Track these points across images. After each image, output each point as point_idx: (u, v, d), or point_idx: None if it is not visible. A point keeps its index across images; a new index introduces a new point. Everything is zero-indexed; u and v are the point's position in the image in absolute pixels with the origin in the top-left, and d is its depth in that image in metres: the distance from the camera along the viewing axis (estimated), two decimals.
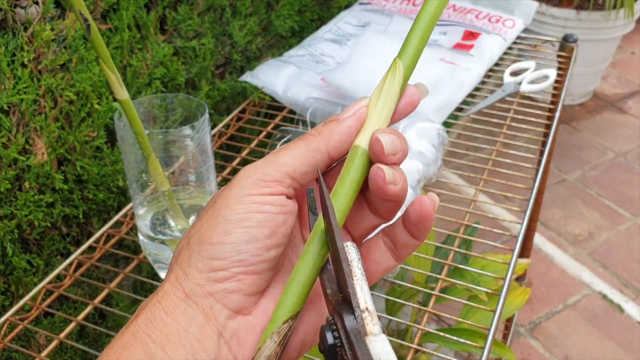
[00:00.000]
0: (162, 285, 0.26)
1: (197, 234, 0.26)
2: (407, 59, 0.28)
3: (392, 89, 0.27)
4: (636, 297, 1.42)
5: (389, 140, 0.25)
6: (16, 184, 0.58)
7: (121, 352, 0.24)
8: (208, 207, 0.27)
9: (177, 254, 0.26)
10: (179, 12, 0.74)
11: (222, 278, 0.25)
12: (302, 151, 0.26)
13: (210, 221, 0.25)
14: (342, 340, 0.23)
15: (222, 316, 0.25)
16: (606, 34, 1.91)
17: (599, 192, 1.73)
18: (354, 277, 0.24)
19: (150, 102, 0.54)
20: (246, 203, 0.25)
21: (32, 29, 0.56)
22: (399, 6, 0.99)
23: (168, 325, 0.24)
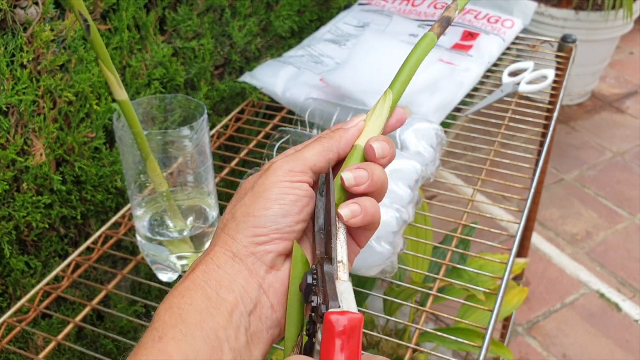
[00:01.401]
0: (212, 248, 0.33)
1: (241, 209, 0.33)
2: (396, 89, 0.38)
3: (383, 110, 0.37)
4: (633, 295, 1.42)
5: (379, 146, 0.35)
6: (14, 185, 0.58)
7: (184, 291, 0.31)
8: (246, 189, 0.34)
9: (223, 226, 0.34)
10: (179, 13, 0.74)
11: (262, 242, 0.33)
12: (320, 150, 0.35)
13: (252, 200, 0.33)
14: (318, 280, 0.31)
15: (261, 270, 0.33)
16: (605, 34, 1.91)
17: (597, 191, 1.74)
18: (337, 239, 0.32)
19: (149, 102, 0.54)
20: (281, 187, 0.33)
21: (32, 30, 0.56)
22: (398, 6, 0.99)
23: (220, 275, 0.32)
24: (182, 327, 0.29)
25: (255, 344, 0.32)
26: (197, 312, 0.30)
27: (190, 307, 0.30)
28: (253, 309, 0.32)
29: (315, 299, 0.30)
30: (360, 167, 0.34)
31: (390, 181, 0.60)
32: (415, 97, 0.76)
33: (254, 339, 0.31)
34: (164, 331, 0.29)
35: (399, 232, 0.56)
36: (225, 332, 0.30)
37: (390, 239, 0.55)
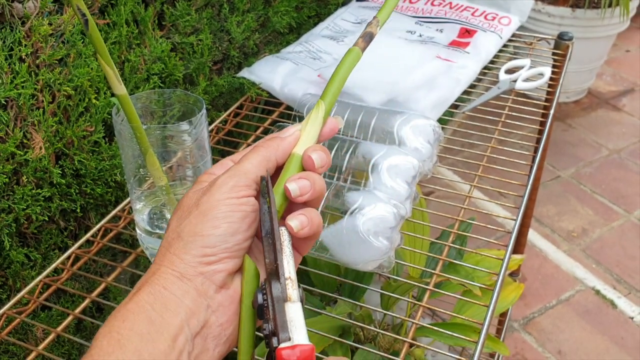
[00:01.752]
0: (157, 268, 0.32)
1: (188, 228, 0.33)
2: (328, 100, 0.39)
3: (317, 120, 0.38)
4: (629, 292, 1.43)
5: (318, 157, 0.36)
6: (14, 178, 0.58)
7: (127, 315, 0.30)
8: (189, 206, 0.34)
9: (168, 245, 0.33)
10: (177, 8, 0.74)
11: (211, 261, 0.32)
12: (260, 160, 0.35)
13: (199, 218, 0.33)
14: (269, 302, 0.31)
15: (211, 290, 0.32)
16: (601, 32, 1.91)
17: (593, 188, 1.75)
18: (283, 253, 0.33)
19: (148, 97, 0.54)
20: (228, 204, 0.33)
21: (30, 24, 0.56)
22: None
23: (166, 297, 0.31)
24: (119, 354, 0.28)
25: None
26: (137, 338, 0.29)
27: (130, 332, 0.29)
28: (200, 330, 0.31)
29: (266, 327, 0.30)
30: (302, 177, 0.35)
31: (388, 177, 0.60)
32: (413, 94, 0.76)
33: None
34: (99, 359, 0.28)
35: (396, 227, 0.56)
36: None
37: (387, 235, 0.55)
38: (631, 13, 1.90)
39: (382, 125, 0.67)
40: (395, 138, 0.65)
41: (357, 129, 0.68)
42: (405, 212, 0.58)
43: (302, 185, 0.35)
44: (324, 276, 0.81)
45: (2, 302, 0.58)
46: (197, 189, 0.35)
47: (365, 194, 0.57)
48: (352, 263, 0.56)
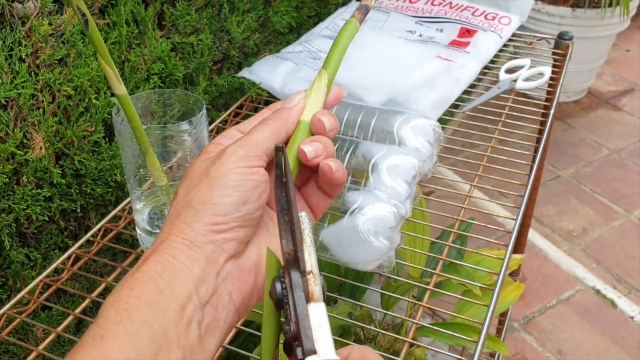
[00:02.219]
0: (166, 237, 0.31)
1: (198, 196, 0.32)
2: (330, 69, 0.39)
3: (320, 87, 0.38)
4: (629, 292, 1.43)
5: (327, 120, 0.36)
6: (14, 178, 0.58)
7: (135, 284, 0.29)
8: (198, 175, 0.33)
9: (177, 213, 0.32)
10: (177, 8, 0.74)
11: (223, 230, 0.32)
12: (270, 132, 0.35)
13: (209, 186, 0.32)
14: (289, 297, 0.29)
15: (221, 259, 0.31)
16: (601, 32, 1.91)
17: (593, 188, 1.75)
18: (304, 243, 0.30)
19: (148, 97, 0.54)
20: (239, 173, 0.32)
21: (30, 24, 0.56)
22: (396, 3, 1.00)
23: (175, 267, 0.30)
24: (127, 324, 0.27)
25: (210, 335, 0.30)
26: (146, 308, 0.28)
27: (138, 301, 0.28)
28: (209, 299, 0.30)
29: (288, 329, 0.28)
30: (314, 140, 0.35)
31: (388, 177, 0.60)
32: (413, 94, 0.76)
33: (208, 330, 0.30)
34: (107, 329, 0.27)
35: (396, 227, 0.56)
36: (175, 330, 0.28)
37: (387, 234, 0.55)
38: (631, 13, 1.90)
39: (382, 125, 0.67)
40: (395, 138, 0.65)
41: (357, 128, 0.68)
42: (405, 212, 0.58)
43: (316, 147, 0.35)
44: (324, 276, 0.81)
45: (3, 302, 0.58)
46: (205, 157, 0.34)
47: (366, 194, 0.57)
48: (352, 263, 0.56)
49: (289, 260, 0.30)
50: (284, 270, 0.30)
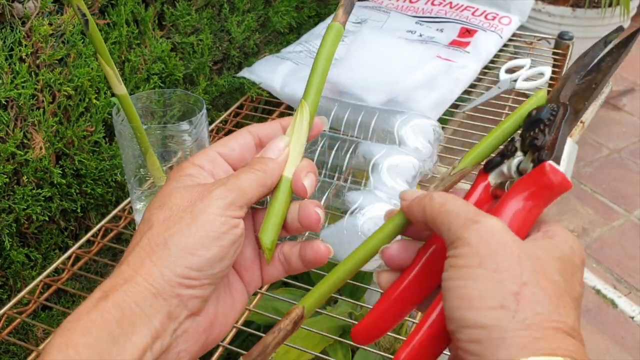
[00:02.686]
0: (132, 275, 0.29)
1: (177, 238, 0.29)
2: (311, 99, 0.36)
3: (302, 127, 0.35)
4: (629, 292, 1.43)
5: (309, 184, 0.34)
6: (14, 178, 0.58)
7: (89, 328, 0.27)
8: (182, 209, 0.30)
9: (151, 250, 0.29)
10: (177, 8, 0.74)
11: (192, 285, 0.29)
12: (257, 184, 0.33)
13: (191, 230, 0.29)
14: (554, 122, 0.29)
15: (182, 316, 0.29)
16: (602, 32, 1.91)
17: (593, 188, 1.75)
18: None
19: (148, 97, 0.54)
20: (223, 223, 0.30)
21: (30, 24, 0.56)
22: (396, 3, 1.00)
23: (136, 314, 0.28)
24: None
25: None
26: (95, 356, 0.26)
27: (89, 351, 0.26)
28: (159, 356, 0.28)
29: (540, 137, 0.29)
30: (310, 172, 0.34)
31: (388, 177, 0.60)
32: (413, 94, 0.76)
33: None
34: None
35: None
36: None
37: None
38: (631, 12, 1.90)
39: (383, 125, 0.67)
40: (395, 138, 0.65)
41: (358, 128, 0.68)
42: None
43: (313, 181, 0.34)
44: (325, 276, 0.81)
45: (3, 303, 0.58)
46: (188, 184, 0.32)
47: (366, 194, 0.57)
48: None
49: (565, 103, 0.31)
50: (559, 105, 0.31)
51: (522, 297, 0.23)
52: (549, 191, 0.27)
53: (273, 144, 0.35)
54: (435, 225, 0.28)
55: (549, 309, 0.23)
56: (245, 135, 0.36)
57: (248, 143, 0.35)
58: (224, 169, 0.34)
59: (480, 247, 0.25)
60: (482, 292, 0.24)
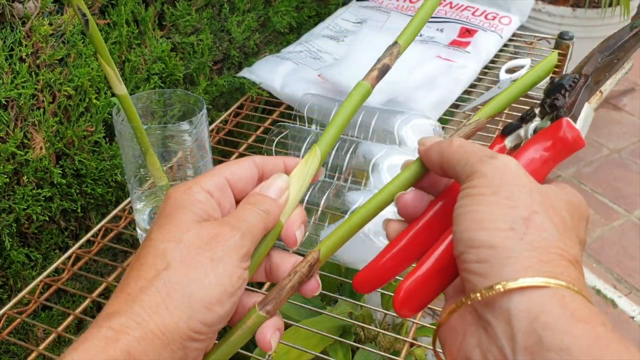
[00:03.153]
0: (146, 319, 0.27)
1: (195, 287, 0.28)
2: (324, 147, 0.35)
3: (308, 171, 0.35)
4: (629, 292, 1.43)
5: (300, 236, 0.34)
6: (14, 178, 0.58)
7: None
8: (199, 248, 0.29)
9: (167, 296, 0.27)
10: (177, 8, 0.74)
11: (199, 339, 0.28)
12: (262, 228, 0.32)
13: (210, 281, 0.28)
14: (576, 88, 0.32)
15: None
16: (602, 32, 1.91)
17: (594, 188, 1.75)
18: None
19: (149, 97, 0.54)
20: (239, 277, 0.29)
21: (30, 24, 0.56)
22: (396, 3, 1.00)
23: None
24: None
25: None
26: None
27: None
28: None
29: (560, 98, 0.31)
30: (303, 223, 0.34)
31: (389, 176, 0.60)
32: (413, 94, 0.76)
33: None
34: None
35: None
36: None
37: None
38: (631, 12, 1.89)
39: (383, 125, 0.67)
40: (395, 138, 0.65)
41: (358, 128, 0.69)
42: None
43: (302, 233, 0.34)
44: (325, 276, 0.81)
45: (3, 302, 0.58)
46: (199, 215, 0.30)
47: (366, 194, 0.57)
48: (352, 263, 0.56)
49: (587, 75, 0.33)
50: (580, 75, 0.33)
51: (531, 223, 0.24)
52: (563, 145, 0.29)
53: (275, 182, 0.34)
54: (452, 164, 0.28)
55: (555, 236, 0.24)
56: (251, 167, 0.34)
57: (253, 175, 0.34)
58: (229, 199, 0.33)
59: (494, 178, 0.25)
60: (493, 216, 0.24)
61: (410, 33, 0.37)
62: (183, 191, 0.31)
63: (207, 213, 0.31)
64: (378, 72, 0.37)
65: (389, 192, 0.33)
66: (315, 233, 0.58)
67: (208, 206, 0.31)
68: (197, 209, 0.31)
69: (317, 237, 0.58)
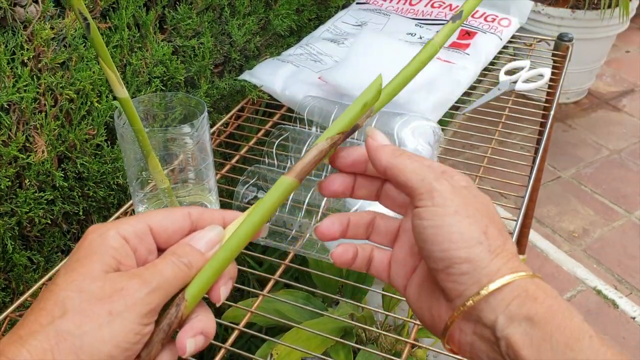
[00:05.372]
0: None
1: (87, 340, 0.27)
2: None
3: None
4: (630, 292, 1.43)
5: (225, 293, 0.32)
6: (16, 182, 0.58)
7: None
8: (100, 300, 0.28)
9: (56, 345, 0.27)
10: (178, 12, 0.74)
11: None
12: (180, 282, 0.31)
13: (104, 335, 0.28)
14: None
15: None
16: (601, 33, 1.92)
17: (594, 189, 1.75)
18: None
19: (150, 100, 0.54)
20: (136, 333, 0.29)
21: (32, 28, 0.56)
22: (396, 5, 1.00)
23: None
24: None
25: None
26: None
27: None
28: None
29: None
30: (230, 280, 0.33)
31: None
32: (413, 96, 0.76)
33: None
34: None
35: None
36: None
37: None
38: (631, 14, 1.90)
39: (382, 127, 0.67)
40: (395, 140, 0.66)
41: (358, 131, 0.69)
42: None
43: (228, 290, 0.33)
44: (326, 278, 0.81)
45: (5, 305, 0.59)
46: (109, 264, 0.30)
47: None
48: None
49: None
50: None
51: (489, 234, 0.30)
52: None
53: (208, 234, 0.33)
54: (405, 175, 0.32)
55: (503, 241, 0.31)
56: (183, 219, 0.33)
57: (183, 228, 0.33)
58: (148, 247, 0.32)
59: (454, 199, 0.31)
60: (463, 235, 0.30)
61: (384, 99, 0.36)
62: (99, 234, 0.31)
63: (118, 261, 0.30)
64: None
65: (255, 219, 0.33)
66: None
67: (122, 253, 0.31)
68: (107, 258, 0.30)
69: (317, 239, 0.58)
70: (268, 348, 0.72)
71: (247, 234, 0.33)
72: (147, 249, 0.32)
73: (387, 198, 0.37)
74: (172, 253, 0.32)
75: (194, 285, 0.31)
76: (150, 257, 0.32)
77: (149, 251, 0.32)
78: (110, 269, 0.30)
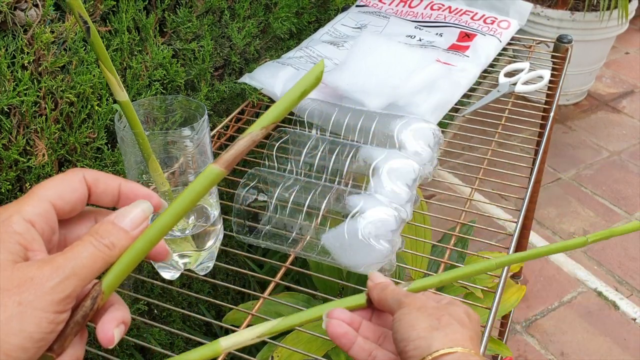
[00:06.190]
0: None
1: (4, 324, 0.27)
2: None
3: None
4: (631, 294, 1.43)
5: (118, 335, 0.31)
6: (17, 185, 0.58)
7: None
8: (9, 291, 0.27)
9: None
10: (178, 15, 0.74)
11: None
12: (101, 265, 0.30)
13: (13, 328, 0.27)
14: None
15: None
16: (600, 35, 1.92)
17: (594, 190, 1.75)
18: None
19: (150, 103, 0.54)
20: (49, 322, 0.28)
21: (32, 32, 0.57)
22: (395, 8, 1.00)
23: None
24: None
25: None
26: None
27: None
28: None
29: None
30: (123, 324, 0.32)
31: (389, 180, 0.60)
32: (413, 98, 0.76)
33: None
34: None
35: (397, 230, 0.56)
36: None
37: (389, 238, 0.55)
38: (630, 15, 1.90)
39: (383, 129, 0.67)
40: (395, 142, 0.66)
41: (358, 133, 0.69)
42: (406, 215, 0.58)
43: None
44: (326, 280, 0.81)
45: None
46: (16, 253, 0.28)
47: (366, 198, 0.57)
48: (353, 266, 0.57)
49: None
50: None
51: (442, 321, 0.38)
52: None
53: (132, 209, 0.32)
54: (386, 301, 0.41)
55: (457, 327, 0.38)
56: (81, 186, 0.32)
57: (83, 195, 0.32)
58: (53, 226, 0.31)
59: (416, 304, 0.40)
60: (419, 322, 0.38)
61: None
62: (1, 221, 0.29)
63: (24, 247, 0.29)
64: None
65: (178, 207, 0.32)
66: (317, 237, 0.58)
67: (27, 239, 0.29)
68: (13, 246, 0.29)
69: (318, 241, 0.58)
70: (269, 351, 0.72)
71: (168, 223, 0.31)
72: (51, 227, 0.31)
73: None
74: (93, 233, 0.30)
75: (110, 275, 0.30)
76: (54, 237, 0.31)
77: (53, 230, 0.31)
78: (18, 258, 0.29)
